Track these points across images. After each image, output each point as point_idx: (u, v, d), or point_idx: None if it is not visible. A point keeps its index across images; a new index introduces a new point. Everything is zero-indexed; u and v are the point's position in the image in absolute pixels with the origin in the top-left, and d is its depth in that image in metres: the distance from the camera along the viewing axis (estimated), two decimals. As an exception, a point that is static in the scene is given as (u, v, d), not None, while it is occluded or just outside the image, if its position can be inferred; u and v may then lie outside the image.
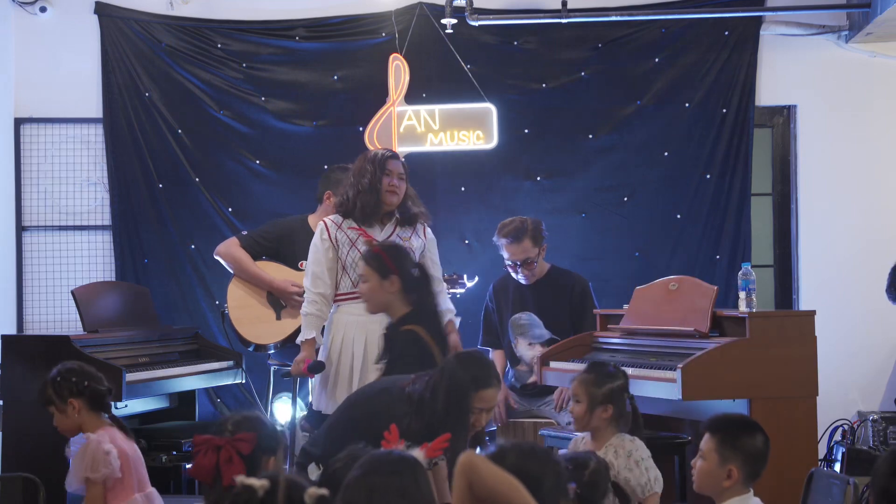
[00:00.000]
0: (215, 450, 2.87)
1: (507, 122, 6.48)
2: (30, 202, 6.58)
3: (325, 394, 4.74)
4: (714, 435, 3.23)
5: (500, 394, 5.48)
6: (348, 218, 4.80)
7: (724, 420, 3.30)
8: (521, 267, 5.56)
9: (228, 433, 2.93)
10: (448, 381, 3.70)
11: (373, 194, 4.75)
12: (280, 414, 6.04)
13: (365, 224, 4.78)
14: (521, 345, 5.50)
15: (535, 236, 5.55)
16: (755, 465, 3.21)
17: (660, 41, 6.56)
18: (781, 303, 6.63)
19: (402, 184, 4.83)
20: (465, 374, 3.69)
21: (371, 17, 6.55)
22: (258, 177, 6.57)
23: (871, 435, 5.76)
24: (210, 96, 6.56)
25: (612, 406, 3.89)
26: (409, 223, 4.86)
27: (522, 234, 5.53)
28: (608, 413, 3.88)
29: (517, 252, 5.54)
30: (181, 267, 6.52)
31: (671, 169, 6.55)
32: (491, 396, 3.71)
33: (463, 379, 3.67)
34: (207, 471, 2.81)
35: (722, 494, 3.22)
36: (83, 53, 6.56)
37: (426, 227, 4.95)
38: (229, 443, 2.89)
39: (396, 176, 4.81)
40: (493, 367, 3.87)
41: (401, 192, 4.83)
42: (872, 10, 6.03)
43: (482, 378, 3.70)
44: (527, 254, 5.53)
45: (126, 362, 5.15)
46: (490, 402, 3.72)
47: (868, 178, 6.58)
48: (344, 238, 4.75)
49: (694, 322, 4.76)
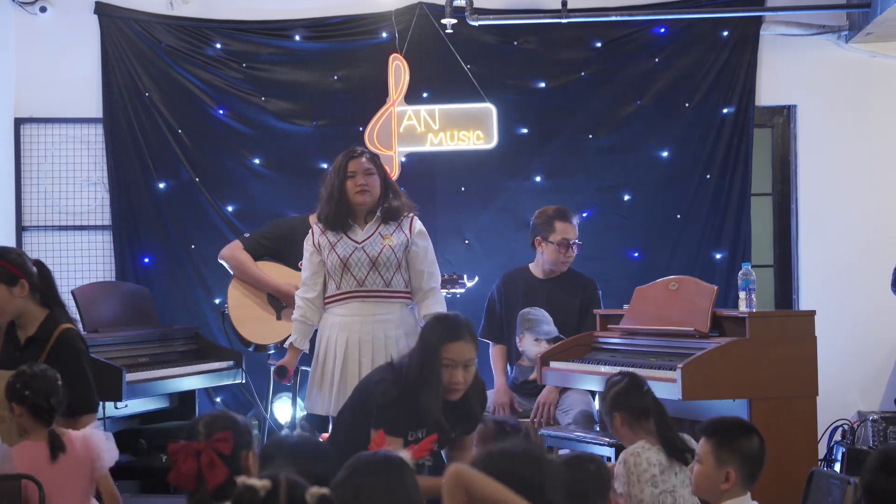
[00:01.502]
0: (195, 455, 2.84)
1: (507, 122, 6.48)
2: (30, 202, 6.58)
3: (313, 394, 4.77)
4: (710, 438, 3.24)
5: (504, 396, 5.53)
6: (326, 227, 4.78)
7: (721, 423, 3.31)
8: (571, 248, 5.55)
9: (203, 436, 2.86)
10: (420, 339, 3.92)
11: (335, 202, 4.69)
12: (280, 414, 6.04)
13: (342, 229, 4.73)
14: (527, 339, 5.49)
15: (576, 220, 5.64)
16: (752, 467, 3.22)
17: (660, 41, 6.56)
18: (781, 303, 6.63)
19: (370, 179, 4.69)
20: (436, 328, 3.87)
21: (371, 17, 6.55)
22: (258, 177, 6.57)
23: (871, 435, 5.76)
24: (210, 96, 6.56)
25: (619, 413, 3.90)
26: (392, 218, 4.74)
27: (571, 214, 5.62)
28: (619, 421, 3.90)
29: (571, 230, 5.56)
30: (181, 267, 6.52)
31: (671, 169, 6.55)
32: (461, 349, 3.82)
33: (432, 333, 3.86)
34: (190, 477, 2.78)
35: (719, 497, 3.23)
36: (83, 53, 6.56)
37: (413, 219, 4.79)
38: (208, 446, 2.85)
39: (362, 174, 4.68)
40: (466, 325, 3.94)
41: (372, 187, 4.70)
42: (872, 10, 6.03)
43: (451, 330, 3.84)
44: (576, 234, 5.57)
45: (126, 362, 5.15)
46: (462, 356, 3.82)
47: (868, 177, 6.58)
48: (325, 242, 4.73)
49: (694, 322, 4.76)
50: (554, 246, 5.55)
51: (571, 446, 5.03)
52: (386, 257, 4.68)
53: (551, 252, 5.57)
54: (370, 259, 4.67)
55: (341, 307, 4.72)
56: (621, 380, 3.97)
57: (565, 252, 5.56)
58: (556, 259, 5.57)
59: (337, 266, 4.69)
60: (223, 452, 2.83)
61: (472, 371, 3.92)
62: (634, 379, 3.98)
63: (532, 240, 5.67)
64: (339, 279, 4.70)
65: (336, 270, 4.70)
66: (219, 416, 3.00)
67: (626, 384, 3.94)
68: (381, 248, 4.68)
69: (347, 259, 4.67)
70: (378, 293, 4.69)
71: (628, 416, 3.89)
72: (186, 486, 2.79)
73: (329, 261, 4.72)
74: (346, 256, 4.68)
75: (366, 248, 4.68)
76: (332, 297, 4.75)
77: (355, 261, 4.67)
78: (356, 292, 4.69)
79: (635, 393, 3.93)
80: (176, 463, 2.82)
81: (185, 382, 5.51)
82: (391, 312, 4.71)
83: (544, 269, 5.65)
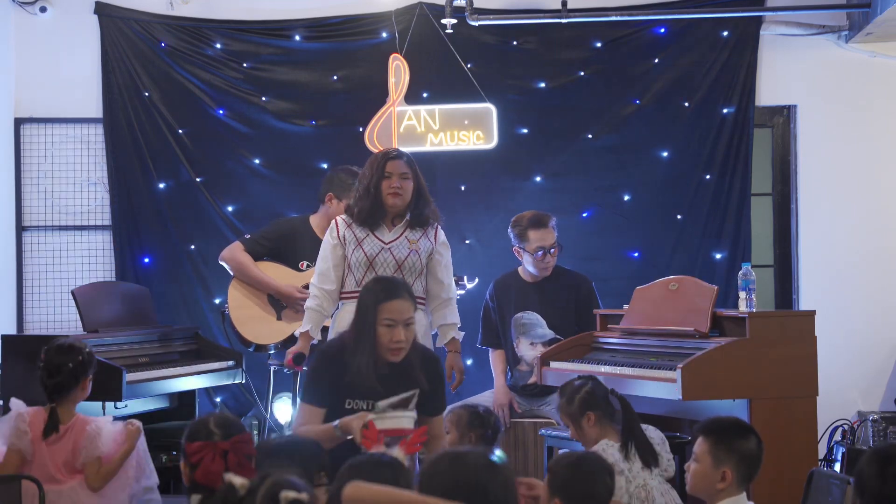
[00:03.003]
0: (222, 455, 2.89)
1: (507, 122, 6.48)
2: (30, 202, 6.58)
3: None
4: (708, 437, 3.26)
5: (504, 397, 5.53)
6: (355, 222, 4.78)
7: (718, 423, 3.32)
8: (548, 254, 5.52)
9: (220, 437, 2.96)
10: (357, 302, 3.97)
11: (371, 199, 4.70)
12: (280, 414, 6.04)
13: (371, 227, 4.74)
14: (522, 344, 5.50)
15: (553, 224, 5.58)
16: (749, 467, 3.24)
17: (660, 41, 6.56)
18: (781, 303, 6.63)
19: (405, 183, 4.72)
20: (372, 289, 3.91)
21: (371, 17, 6.55)
22: (258, 177, 6.57)
23: (871, 435, 5.76)
24: (210, 96, 6.55)
25: (593, 413, 4.00)
26: (419, 224, 4.76)
27: (547, 219, 5.55)
28: (591, 421, 4.00)
29: (547, 237, 5.52)
30: (181, 267, 6.52)
31: (671, 169, 6.55)
32: (399, 307, 3.84)
33: (369, 294, 3.89)
34: (219, 476, 2.83)
35: (715, 497, 3.25)
36: (83, 53, 6.56)
37: (438, 229, 4.83)
38: (234, 446, 2.91)
39: (398, 176, 4.70)
40: (404, 284, 3.97)
41: (405, 191, 4.72)
42: (872, 10, 6.03)
43: (388, 290, 3.87)
44: (553, 238, 5.53)
45: (126, 362, 5.15)
46: (401, 314, 3.84)
47: (868, 177, 6.58)
48: (351, 237, 4.73)
49: (694, 322, 4.76)
50: (531, 256, 5.56)
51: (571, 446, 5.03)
52: (412, 262, 4.69)
53: (530, 261, 5.59)
54: (396, 261, 4.67)
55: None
56: (586, 382, 4.07)
57: (543, 259, 5.56)
58: (536, 267, 5.58)
59: (362, 263, 4.68)
60: (250, 454, 2.96)
61: (413, 331, 3.91)
62: (599, 382, 4.10)
63: (512, 248, 5.68)
64: (361, 276, 4.68)
65: (360, 267, 4.69)
66: (227, 416, 3.08)
67: (594, 385, 4.06)
68: (408, 252, 4.69)
69: (374, 258, 4.67)
70: None
71: (601, 414, 4.00)
72: (214, 485, 2.84)
73: (354, 256, 4.70)
74: (373, 255, 4.67)
75: (392, 249, 4.69)
76: (351, 293, 4.70)
77: (381, 261, 4.67)
78: None
79: (603, 393, 4.04)
80: (202, 462, 2.88)
81: (185, 382, 5.51)
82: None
83: (531, 273, 5.65)
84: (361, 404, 3.86)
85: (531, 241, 5.53)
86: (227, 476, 2.14)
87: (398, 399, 3.48)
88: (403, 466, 2.52)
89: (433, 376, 4.04)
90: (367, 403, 3.82)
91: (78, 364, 4.04)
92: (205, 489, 2.91)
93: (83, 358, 4.07)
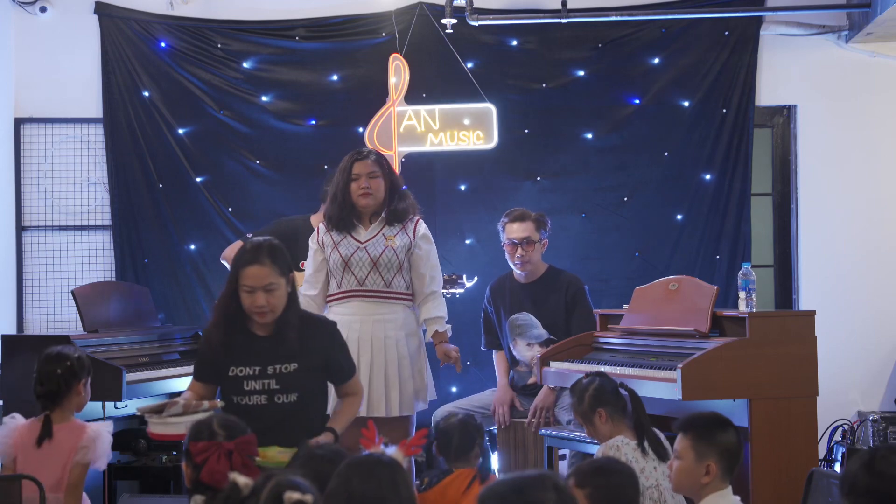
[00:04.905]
0: (227, 455, 2.91)
1: (507, 122, 6.48)
2: (30, 202, 6.58)
3: None
4: (688, 433, 3.29)
5: (505, 395, 5.53)
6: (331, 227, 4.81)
7: (697, 418, 3.36)
8: (520, 247, 5.51)
9: (223, 437, 3.03)
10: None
11: (339, 203, 4.72)
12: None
13: (346, 229, 4.75)
14: (519, 345, 5.51)
15: (539, 221, 5.57)
16: (731, 459, 3.28)
17: (660, 41, 6.56)
18: (781, 303, 6.63)
19: (374, 182, 4.71)
20: (237, 255, 3.94)
21: (371, 17, 6.55)
22: (258, 177, 6.57)
23: (871, 435, 5.77)
24: (210, 96, 6.55)
25: (603, 409, 4.03)
26: (396, 220, 4.76)
27: (526, 216, 5.56)
28: (603, 417, 4.04)
29: (518, 230, 5.52)
30: (181, 267, 6.52)
31: (671, 169, 6.55)
32: (256, 273, 3.86)
33: (234, 261, 3.93)
34: (224, 476, 2.85)
35: (701, 491, 3.27)
36: (83, 53, 6.56)
37: (418, 222, 4.81)
38: (238, 447, 2.97)
39: (366, 176, 4.70)
40: (268, 249, 3.93)
41: (376, 190, 4.71)
42: (872, 10, 6.03)
43: (247, 255, 3.89)
44: (527, 233, 5.52)
45: (126, 362, 5.15)
46: (258, 281, 3.86)
47: (868, 177, 6.57)
48: (329, 240, 4.76)
49: (694, 322, 4.76)
50: (505, 249, 5.59)
51: (571, 446, 5.04)
52: (387, 258, 4.68)
53: (507, 256, 5.61)
54: (371, 259, 4.68)
55: (342, 306, 4.73)
56: (594, 379, 4.09)
57: (514, 252, 5.56)
58: (511, 260, 5.60)
59: (338, 265, 4.71)
60: (253, 455, 3.02)
61: (278, 295, 3.90)
62: (607, 377, 4.14)
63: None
64: (340, 278, 4.72)
65: (337, 269, 4.72)
66: (230, 418, 3.13)
67: (603, 381, 4.08)
68: (382, 249, 4.69)
69: (349, 258, 4.69)
70: (378, 293, 4.70)
71: (611, 410, 4.03)
72: (219, 485, 2.87)
73: (331, 259, 4.74)
74: (348, 256, 4.69)
75: (368, 248, 4.69)
76: (333, 295, 4.77)
77: (356, 260, 4.68)
78: (356, 291, 4.70)
79: (613, 389, 4.08)
80: (208, 462, 2.92)
81: (185, 382, 5.47)
82: (393, 313, 4.72)
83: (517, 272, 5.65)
84: (247, 370, 3.92)
85: (506, 233, 5.59)
86: (232, 476, 2.15)
87: (192, 405, 3.72)
88: (401, 467, 2.52)
89: (331, 342, 4.06)
90: (253, 370, 3.91)
91: (67, 370, 4.00)
92: (208, 489, 2.93)
93: (72, 363, 4.02)
